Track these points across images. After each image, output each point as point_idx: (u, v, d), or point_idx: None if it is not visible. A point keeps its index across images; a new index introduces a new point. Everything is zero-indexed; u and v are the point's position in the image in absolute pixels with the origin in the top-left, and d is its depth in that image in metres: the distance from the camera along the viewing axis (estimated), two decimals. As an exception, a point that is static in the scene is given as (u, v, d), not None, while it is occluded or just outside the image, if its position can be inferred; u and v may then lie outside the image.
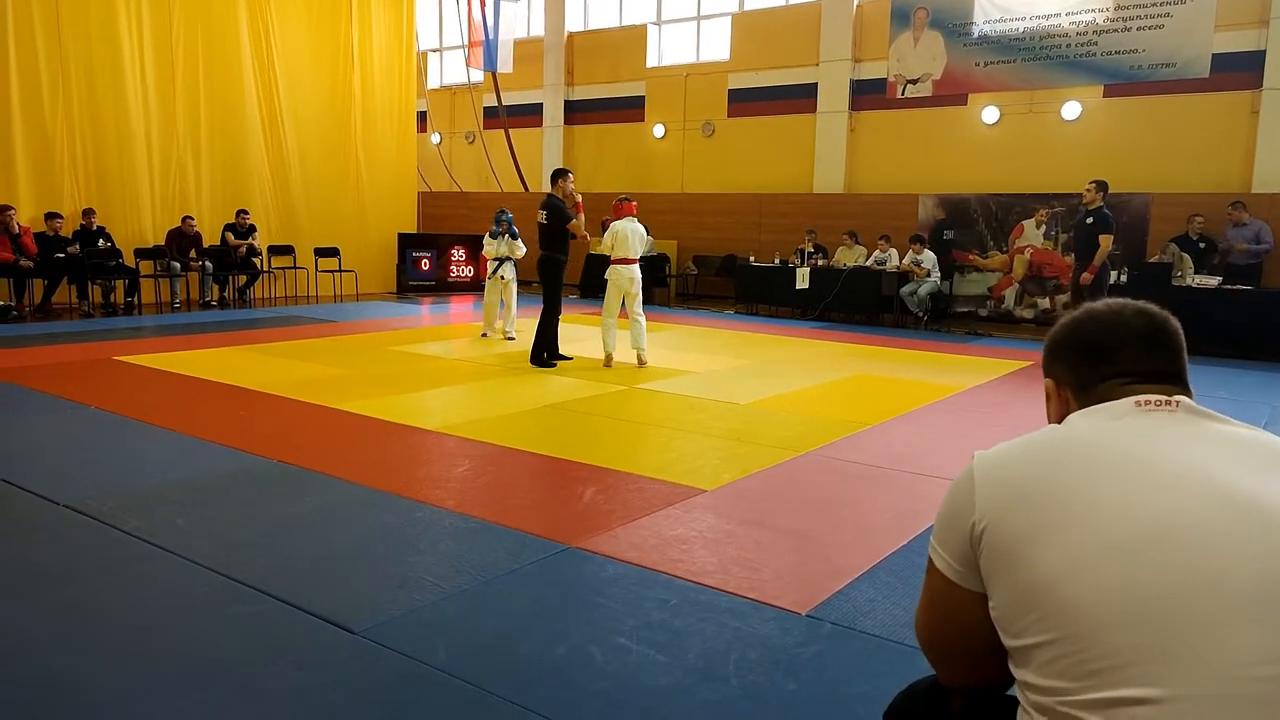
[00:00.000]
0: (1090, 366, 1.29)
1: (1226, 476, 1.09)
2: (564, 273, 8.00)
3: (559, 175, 7.94)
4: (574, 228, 7.77)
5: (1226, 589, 1.01)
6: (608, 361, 7.85)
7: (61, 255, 10.69)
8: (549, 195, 7.86)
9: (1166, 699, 0.97)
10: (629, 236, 7.77)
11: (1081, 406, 1.27)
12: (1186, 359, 1.29)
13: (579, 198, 7.99)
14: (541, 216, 7.79)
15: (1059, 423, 1.31)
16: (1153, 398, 1.21)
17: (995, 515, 1.15)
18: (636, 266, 7.86)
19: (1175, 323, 1.30)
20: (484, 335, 9.56)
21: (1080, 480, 1.12)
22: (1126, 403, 1.21)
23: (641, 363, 7.81)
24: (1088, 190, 8.89)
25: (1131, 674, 0.99)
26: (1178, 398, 1.21)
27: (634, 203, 8.01)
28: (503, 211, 9.53)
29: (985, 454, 1.23)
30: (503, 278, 9.43)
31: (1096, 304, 1.34)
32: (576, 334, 9.50)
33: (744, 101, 15.02)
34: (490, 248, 9.52)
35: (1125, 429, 1.18)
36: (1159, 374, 1.25)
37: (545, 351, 7.83)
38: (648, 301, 8.17)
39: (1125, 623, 1.01)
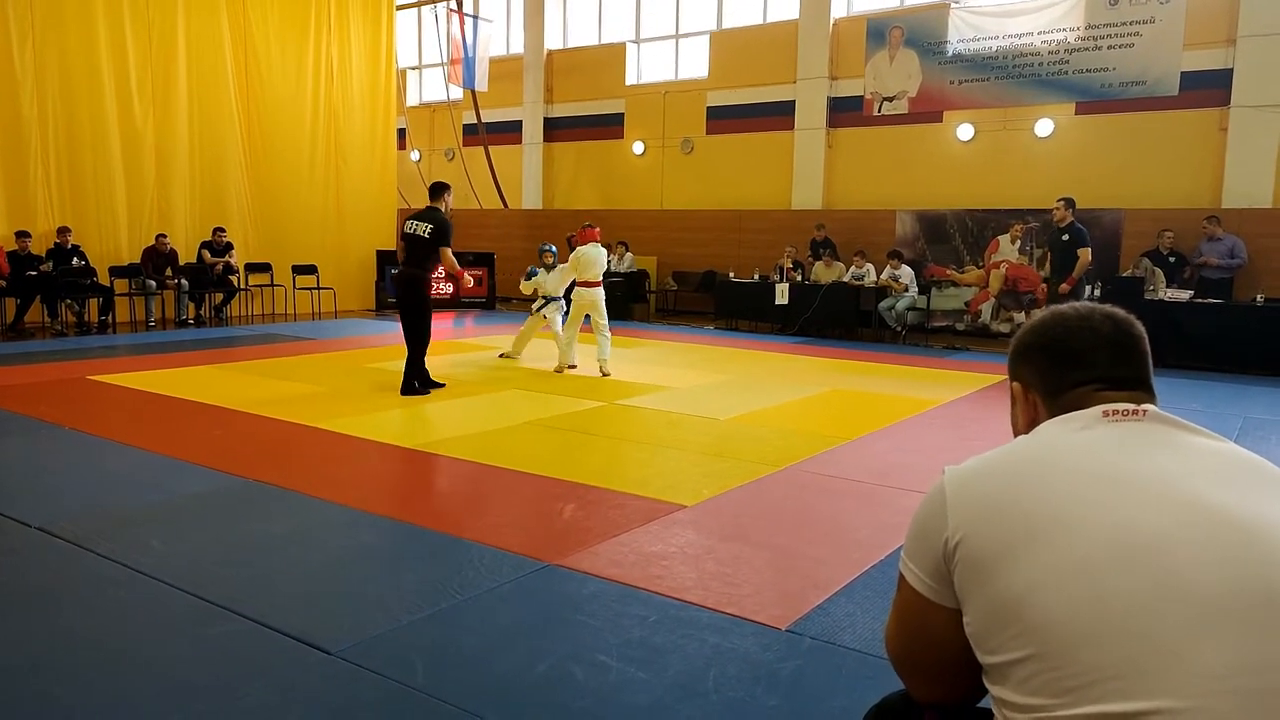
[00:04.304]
0: (1059, 371, 1.29)
1: (1195, 489, 1.10)
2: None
3: (444, 189, 7.22)
4: (449, 263, 7.05)
5: (1198, 601, 1.01)
6: (560, 369, 8.34)
7: (34, 273, 10.58)
8: (431, 208, 7.11)
9: (1144, 713, 0.97)
10: (592, 262, 8.26)
11: (1050, 411, 1.28)
12: (1151, 364, 1.30)
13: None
14: (424, 230, 6.94)
15: (1026, 428, 1.32)
16: (1121, 407, 1.21)
17: (968, 530, 1.15)
18: (600, 289, 8.38)
19: (1141, 328, 1.31)
20: (503, 355, 9.11)
21: (1051, 494, 1.12)
22: (1095, 412, 1.21)
23: (605, 374, 8.10)
24: (1057, 209, 9.05)
25: (1108, 689, 0.99)
26: (1145, 406, 1.22)
27: (597, 228, 8.52)
28: (547, 244, 9.09)
29: (956, 468, 1.22)
30: (545, 316, 8.96)
31: (1064, 307, 1.34)
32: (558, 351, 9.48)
33: (722, 119, 15.13)
34: (548, 283, 8.82)
35: (1094, 440, 1.18)
36: (1126, 380, 1.26)
37: (416, 380, 7.17)
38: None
39: (1099, 638, 1.01)
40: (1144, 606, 1.02)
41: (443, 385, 7.38)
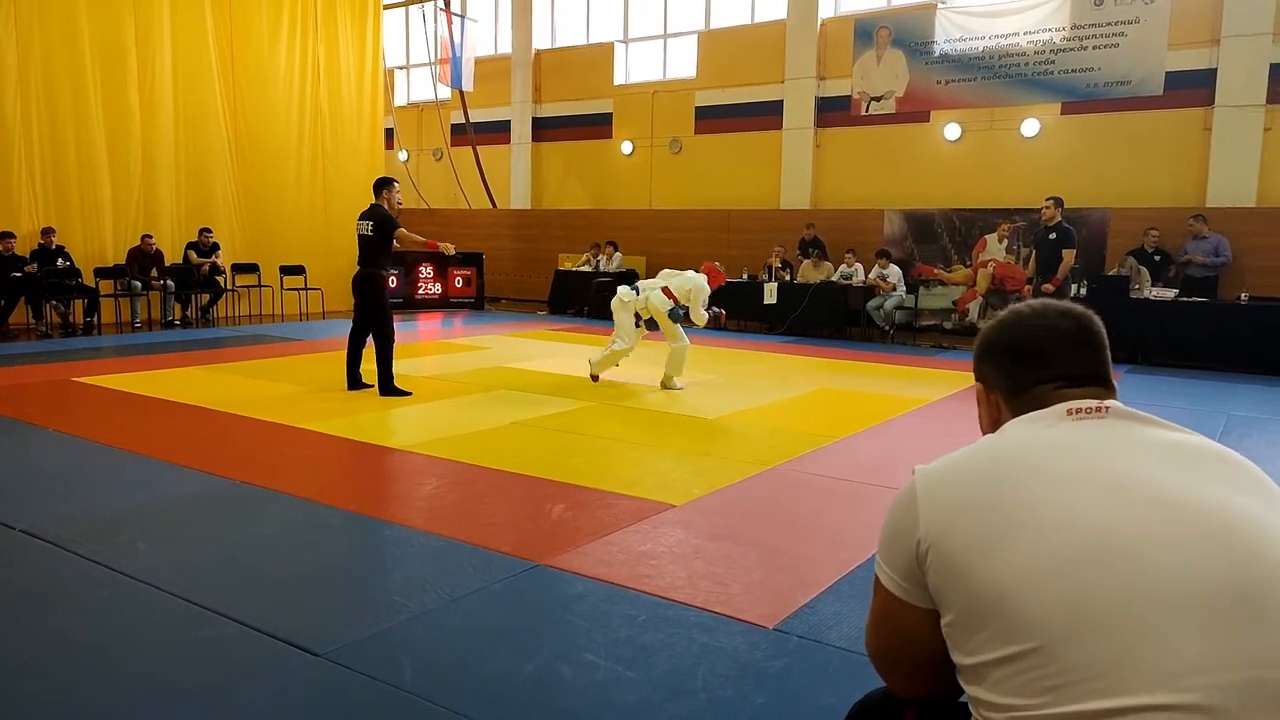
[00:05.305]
0: (1020, 370, 1.30)
1: (1163, 483, 1.11)
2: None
3: (385, 185, 7.29)
4: (402, 235, 7.17)
5: (1174, 597, 1.01)
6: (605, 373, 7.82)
7: (18, 275, 10.50)
8: (375, 205, 7.18)
9: (1124, 710, 0.97)
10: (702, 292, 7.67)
11: (1013, 410, 1.29)
12: (1110, 358, 1.31)
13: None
14: (367, 228, 7.07)
15: (992, 428, 1.32)
16: (1083, 404, 1.22)
17: (940, 531, 1.15)
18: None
19: (1099, 323, 1.32)
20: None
21: (1022, 493, 1.12)
22: (1059, 410, 1.22)
23: (677, 386, 7.64)
24: (1046, 207, 9.09)
25: (1087, 688, 0.99)
26: (1108, 403, 1.23)
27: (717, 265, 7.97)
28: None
29: (926, 469, 1.23)
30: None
31: (1021, 306, 1.35)
32: (548, 350, 9.47)
33: (711, 118, 15.15)
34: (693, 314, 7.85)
35: (1061, 439, 1.19)
36: (1086, 376, 1.27)
37: (387, 381, 7.10)
38: (610, 317, 8.08)
39: (1077, 637, 1.02)
40: (1121, 604, 1.02)
41: (409, 394, 7.06)
